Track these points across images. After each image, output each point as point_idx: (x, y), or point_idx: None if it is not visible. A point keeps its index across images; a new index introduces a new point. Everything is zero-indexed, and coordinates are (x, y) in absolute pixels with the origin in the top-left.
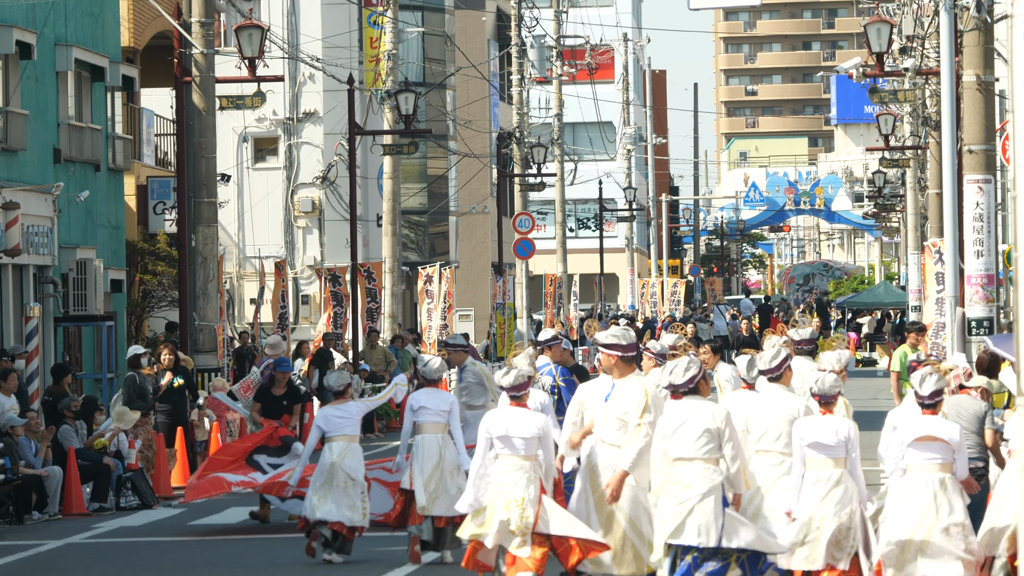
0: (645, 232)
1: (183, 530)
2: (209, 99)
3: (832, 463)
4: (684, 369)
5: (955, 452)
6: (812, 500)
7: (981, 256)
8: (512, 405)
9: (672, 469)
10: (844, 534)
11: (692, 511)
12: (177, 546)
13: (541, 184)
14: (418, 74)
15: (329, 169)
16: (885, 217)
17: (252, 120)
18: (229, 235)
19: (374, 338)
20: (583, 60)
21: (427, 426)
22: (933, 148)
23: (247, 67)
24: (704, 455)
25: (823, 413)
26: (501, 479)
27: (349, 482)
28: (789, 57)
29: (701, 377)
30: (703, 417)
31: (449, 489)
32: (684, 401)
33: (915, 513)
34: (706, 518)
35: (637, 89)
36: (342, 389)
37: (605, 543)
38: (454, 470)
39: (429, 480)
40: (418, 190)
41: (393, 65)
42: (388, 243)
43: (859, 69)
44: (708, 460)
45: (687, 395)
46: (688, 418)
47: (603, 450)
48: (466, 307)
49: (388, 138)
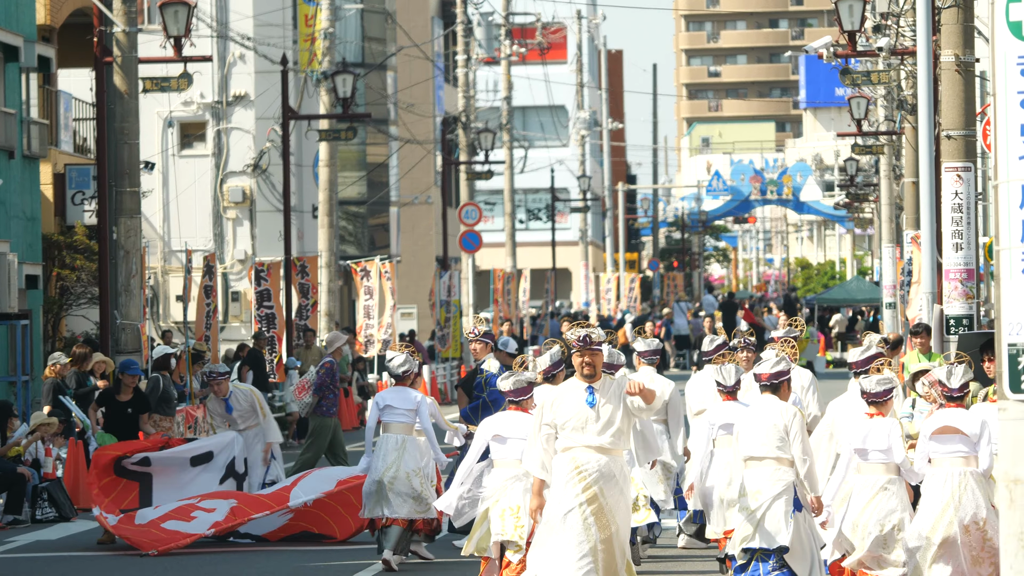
0: (600, 224)
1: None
2: (131, 81)
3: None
4: (773, 364)
5: (977, 445)
6: (858, 505)
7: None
8: (512, 409)
9: (744, 470)
10: (885, 542)
11: (764, 513)
12: (96, 562)
13: (489, 172)
14: (357, 54)
15: (261, 156)
16: (857, 208)
17: (178, 104)
18: (153, 227)
19: (309, 338)
20: (534, 39)
21: (392, 426)
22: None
23: (172, 47)
24: (775, 454)
25: (875, 416)
26: (497, 487)
27: (411, 475)
28: (754, 36)
29: (788, 376)
30: (774, 415)
31: (401, 490)
32: (762, 399)
33: (936, 507)
34: (776, 520)
35: (592, 70)
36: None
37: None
38: (413, 472)
39: (379, 481)
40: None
41: (330, 44)
42: (324, 236)
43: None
44: (780, 460)
45: (766, 392)
46: (760, 416)
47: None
48: (408, 304)
49: (324, 123)
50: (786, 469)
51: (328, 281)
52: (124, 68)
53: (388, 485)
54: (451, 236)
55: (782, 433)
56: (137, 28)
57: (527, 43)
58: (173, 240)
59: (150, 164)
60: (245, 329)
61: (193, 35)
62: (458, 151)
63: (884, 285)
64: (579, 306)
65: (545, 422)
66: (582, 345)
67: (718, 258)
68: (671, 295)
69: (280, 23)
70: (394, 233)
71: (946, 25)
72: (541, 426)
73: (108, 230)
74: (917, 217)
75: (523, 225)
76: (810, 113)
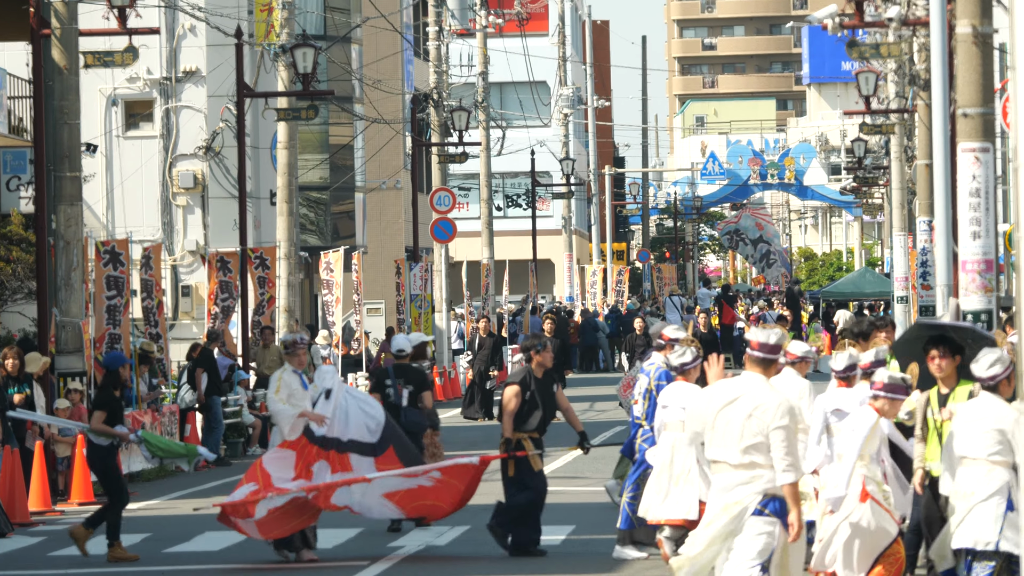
0: (585, 211)
1: (42, 562)
2: (72, 55)
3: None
4: (989, 365)
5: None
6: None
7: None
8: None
9: (958, 469)
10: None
11: (971, 512)
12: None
13: (463, 155)
14: (318, 26)
15: (214, 138)
16: (866, 192)
17: (122, 80)
18: (96, 215)
19: (268, 336)
20: (512, 9)
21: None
22: (922, 111)
23: (116, 18)
24: (990, 457)
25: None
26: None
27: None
28: (753, 5)
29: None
30: (996, 418)
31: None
32: (982, 398)
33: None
34: (986, 520)
35: (575, 43)
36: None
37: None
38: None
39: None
40: (319, 162)
41: (289, 15)
42: (283, 224)
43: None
44: (995, 463)
45: (986, 391)
46: (980, 417)
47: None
48: (375, 299)
49: (283, 101)
50: (1001, 470)
51: (288, 274)
52: (63, 41)
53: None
54: (422, 225)
55: (1001, 436)
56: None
57: (504, 13)
58: (118, 229)
59: (92, 146)
60: (197, 327)
61: (139, 5)
62: (429, 131)
63: (895, 277)
64: (562, 300)
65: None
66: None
67: (714, 248)
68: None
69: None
70: (360, 221)
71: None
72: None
73: (46, 219)
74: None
75: (501, 212)
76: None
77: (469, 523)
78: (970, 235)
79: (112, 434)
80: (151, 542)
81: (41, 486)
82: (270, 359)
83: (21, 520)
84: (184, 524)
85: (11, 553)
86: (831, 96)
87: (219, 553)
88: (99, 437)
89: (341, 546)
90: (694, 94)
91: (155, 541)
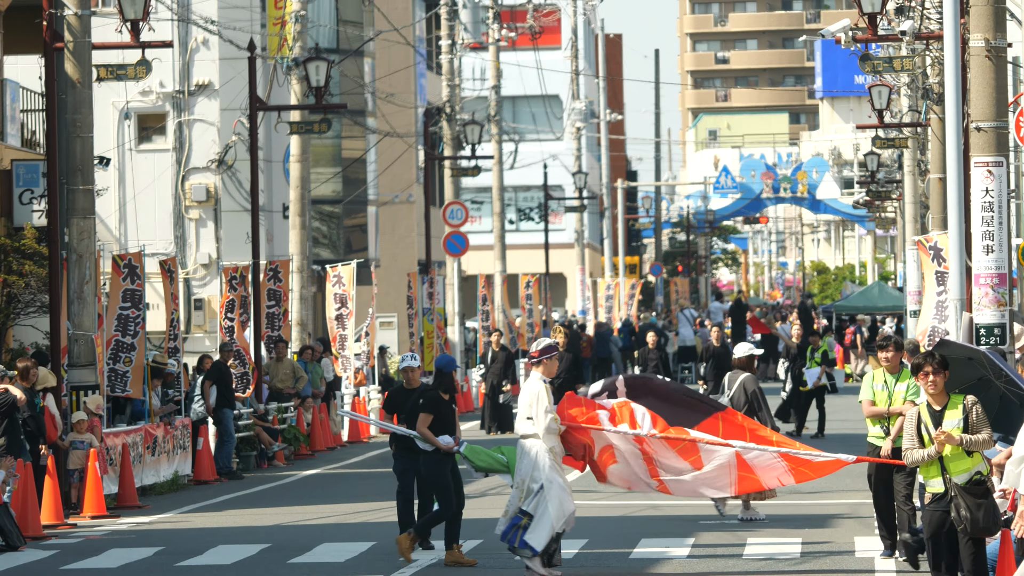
0: (598, 224)
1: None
2: (85, 69)
3: None
4: None
5: None
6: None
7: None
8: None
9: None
10: None
11: None
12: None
13: (476, 168)
14: (331, 39)
15: (226, 151)
16: (879, 206)
17: (135, 94)
18: (109, 229)
19: (281, 350)
20: (524, 22)
21: None
22: (935, 125)
23: (129, 31)
24: None
25: None
26: None
27: None
28: (766, 19)
29: None
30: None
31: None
32: None
33: None
34: None
35: (588, 56)
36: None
37: None
38: None
39: None
40: (331, 176)
41: (301, 28)
42: (296, 238)
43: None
44: None
45: None
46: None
47: None
48: (388, 313)
49: (296, 114)
50: None
51: (300, 287)
52: (76, 54)
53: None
54: (435, 238)
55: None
56: (91, 11)
57: (517, 27)
58: (130, 243)
59: (105, 160)
60: (210, 340)
61: (152, 18)
62: (442, 145)
63: (908, 291)
64: (575, 313)
65: None
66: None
67: (727, 262)
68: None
69: (247, 5)
70: (372, 235)
71: (975, 7)
72: None
73: (59, 232)
74: (944, 216)
75: (513, 226)
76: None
77: (481, 536)
78: (983, 249)
79: (432, 442)
80: (164, 556)
81: (54, 499)
82: (283, 372)
83: (34, 533)
84: (197, 538)
85: (24, 567)
86: (844, 110)
87: (231, 567)
88: (425, 443)
89: (353, 560)
90: (707, 108)
91: (168, 555)
